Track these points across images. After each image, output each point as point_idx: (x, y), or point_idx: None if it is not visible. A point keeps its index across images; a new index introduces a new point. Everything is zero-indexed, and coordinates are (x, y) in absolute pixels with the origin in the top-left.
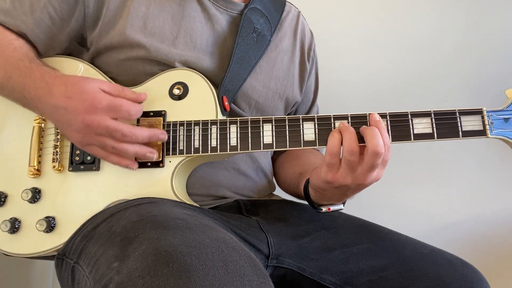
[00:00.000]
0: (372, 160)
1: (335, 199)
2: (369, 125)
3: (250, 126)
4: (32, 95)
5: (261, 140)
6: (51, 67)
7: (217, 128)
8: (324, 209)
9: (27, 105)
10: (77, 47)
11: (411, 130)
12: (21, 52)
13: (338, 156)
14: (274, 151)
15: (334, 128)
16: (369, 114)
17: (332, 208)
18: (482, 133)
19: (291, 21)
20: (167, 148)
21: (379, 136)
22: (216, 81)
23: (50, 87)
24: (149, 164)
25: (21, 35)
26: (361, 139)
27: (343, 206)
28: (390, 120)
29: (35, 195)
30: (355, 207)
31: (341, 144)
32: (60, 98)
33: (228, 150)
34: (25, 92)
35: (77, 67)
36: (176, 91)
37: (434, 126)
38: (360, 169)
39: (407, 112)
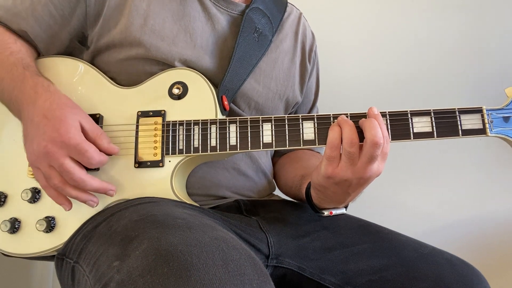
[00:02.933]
0: (371, 151)
1: (337, 199)
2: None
3: (250, 126)
4: (17, 98)
5: (261, 140)
6: (47, 79)
7: (216, 127)
8: (326, 212)
9: (11, 108)
10: (78, 45)
11: (411, 129)
12: (17, 57)
13: (338, 149)
14: (275, 152)
15: None
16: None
17: (334, 212)
18: (482, 131)
19: (292, 22)
20: (167, 147)
21: (377, 127)
22: (216, 80)
23: (37, 98)
24: (149, 163)
25: (22, 34)
26: (360, 132)
27: (346, 210)
28: (389, 119)
29: (35, 195)
30: (355, 207)
31: (342, 137)
32: (39, 114)
33: (228, 150)
34: (13, 95)
35: (77, 67)
36: (175, 91)
37: (434, 125)
38: (359, 161)
39: (407, 111)
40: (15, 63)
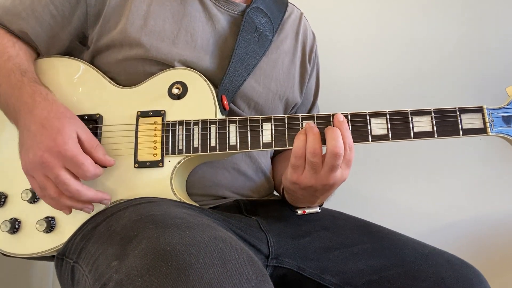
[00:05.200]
0: (331, 161)
1: (307, 201)
2: (333, 126)
3: (249, 126)
4: (15, 105)
5: (261, 140)
6: (45, 87)
7: (216, 127)
8: (299, 211)
9: (7, 114)
10: (78, 45)
11: (411, 128)
12: (14, 63)
13: (303, 158)
14: (274, 152)
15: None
16: (333, 114)
17: (307, 211)
18: (482, 131)
19: (293, 22)
20: (167, 147)
21: (339, 137)
22: (215, 80)
23: (35, 106)
24: (148, 164)
25: (22, 35)
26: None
27: (319, 209)
28: (390, 119)
29: (35, 195)
30: (355, 207)
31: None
32: (36, 122)
33: (228, 150)
34: (10, 101)
35: (77, 68)
36: (175, 91)
37: (434, 124)
38: (322, 170)
39: (407, 110)
40: (13, 69)
